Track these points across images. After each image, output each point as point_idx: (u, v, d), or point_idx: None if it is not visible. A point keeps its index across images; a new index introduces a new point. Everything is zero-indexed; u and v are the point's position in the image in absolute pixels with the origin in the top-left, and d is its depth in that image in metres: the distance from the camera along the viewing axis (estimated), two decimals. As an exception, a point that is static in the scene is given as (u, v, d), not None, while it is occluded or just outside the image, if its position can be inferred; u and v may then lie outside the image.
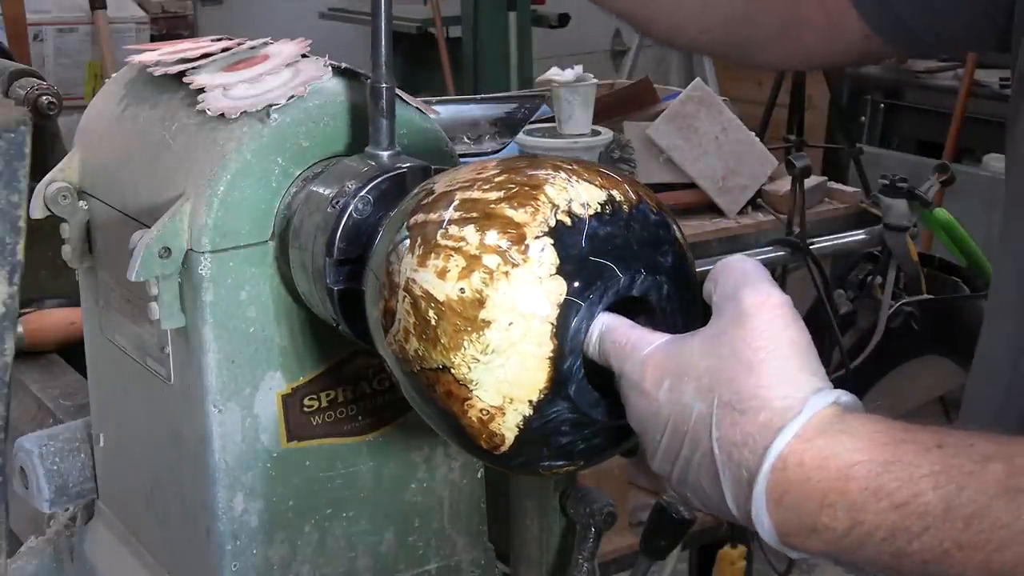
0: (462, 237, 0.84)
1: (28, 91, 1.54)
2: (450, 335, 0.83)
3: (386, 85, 0.95)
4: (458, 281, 0.83)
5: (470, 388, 0.84)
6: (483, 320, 0.83)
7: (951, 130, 4.55)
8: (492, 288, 0.83)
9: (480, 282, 0.83)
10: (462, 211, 0.86)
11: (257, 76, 0.99)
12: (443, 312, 0.84)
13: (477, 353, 0.83)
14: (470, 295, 0.83)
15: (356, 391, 1.02)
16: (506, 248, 0.83)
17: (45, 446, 1.19)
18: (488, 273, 0.83)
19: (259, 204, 0.96)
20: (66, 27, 4.65)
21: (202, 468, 0.98)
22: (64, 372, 1.51)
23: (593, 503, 1.09)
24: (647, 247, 0.86)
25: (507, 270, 0.83)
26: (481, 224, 0.84)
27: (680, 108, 2.36)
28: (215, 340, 0.96)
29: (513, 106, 2.50)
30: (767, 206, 2.40)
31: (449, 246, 0.84)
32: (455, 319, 0.83)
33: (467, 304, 0.83)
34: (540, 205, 0.85)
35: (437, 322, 0.84)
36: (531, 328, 0.83)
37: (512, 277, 0.83)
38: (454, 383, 0.84)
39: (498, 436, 0.85)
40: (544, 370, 0.83)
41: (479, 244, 0.84)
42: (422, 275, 0.85)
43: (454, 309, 0.83)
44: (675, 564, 2.55)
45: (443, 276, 0.84)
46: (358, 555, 1.05)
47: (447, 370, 0.84)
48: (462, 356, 0.83)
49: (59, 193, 1.09)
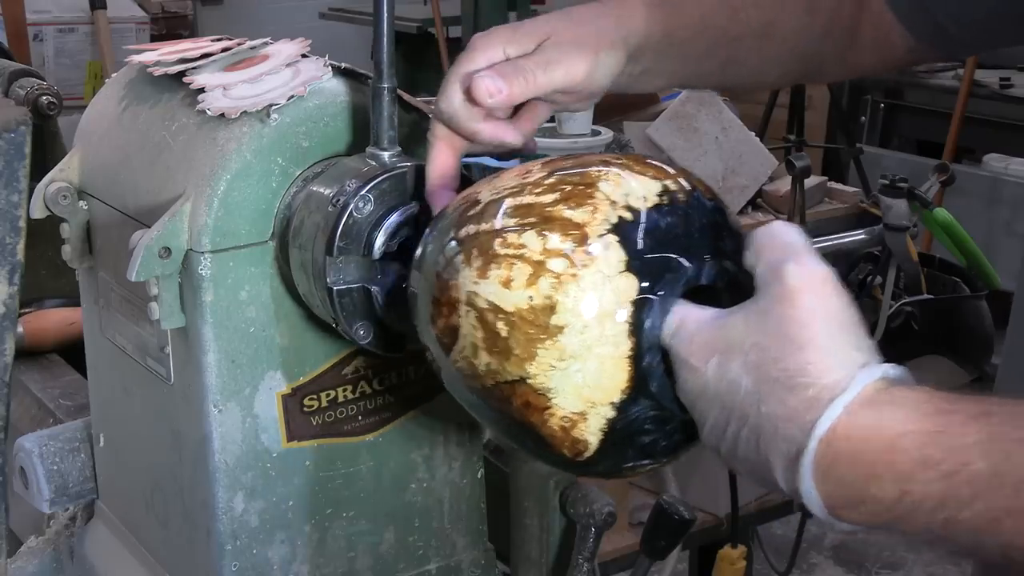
0: (522, 244, 0.82)
1: (28, 91, 1.54)
2: (523, 345, 0.81)
3: (387, 85, 0.95)
4: (526, 289, 0.81)
5: (549, 397, 0.82)
6: (556, 326, 0.81)
7: (951, 130, 4.55)
8: (562, 292, 0.81)
9: (549, 287, 0.81)
10: (517, 217, 0.84)
11: (257, 76, 0.99)
12: (513, 322, 0.82)
13: (553, 360, 0.81)
14: (540, 302, 0.81)
15: (356, 391, 1.02)
16: (570, 250, 0.81)
17: (45, 446, 1.19)
18: (556, 277, 0.81)
19: (259, 204, 0.96)
20: (66, 27, 4.66)
21: (202, 468, 0.98)
22: (64, 372, 1.51)
23: (593, 503, 1.09)
24: (708, 234, 0.85)
25: (575, 272, 0.81)
26: (540, 228, 0.83)
27: (680, 108, 2.36)
28: (215, 340, 0.96)
29: (513, 106, 2.50)
30: (767, 206, 2.40)
31: (510, 254, 0.82)
32: (527, 328, 0.81)
33: (538, 311, 0.81)
34: (598, 203, 0.83)
35: (508, 333, 0.82)
36: (606, 329, 0.81)
37: (581, 279, 0.81)
38: (532, 393, 0.82)
39: (581, 442, 0.83)
40: (624, 370, 0.82)
41: (542, 249, 0.82)
42: (485, 287, 0.83)
43: (525, 318, 0.81)
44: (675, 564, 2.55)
45: (508, 286, 0.82)
46: (358, 555, 1.05)
47: (523, 381, 0.82)
48: (538, 365, 0.81)
49: (59, 193, 1.09)
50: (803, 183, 2.32)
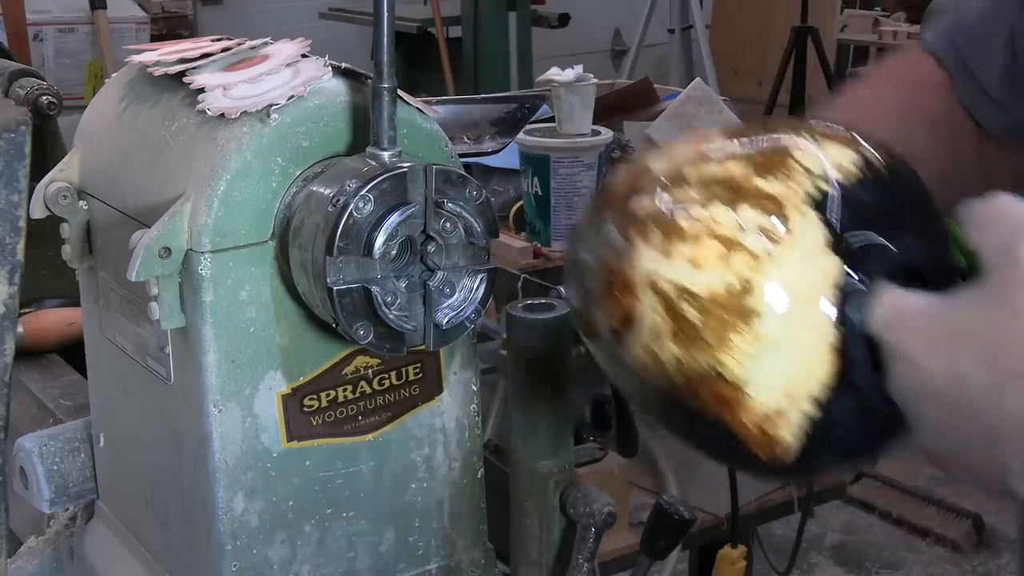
0: (712, 218, 0.74)
1: (28, 91, 1.54)
2: (716, 332, 0.73)
3: (387, 85, 0.95)
4: (718, 269, 0.73)
5: (745, 391, 0.74)
6: (753, 310, 0.73)
7: (951, 130, 4.53)
8: (760, 272, 0.73)
9: (745, 267, 0.73)
10: (702, 188, 0.75)
11: (257, 76, 0.99)
12: (704, 307, 0.73)
13: (750, 348, 0.73)
14: (735, 283, 0.73)
15: (356, 391, 1.02)
16: (768, 225, 0.73)
17: (45, 446, 1.19)
18: (752, 256, 0.73)
19: (259, 204, 0.96)
20: (66, 27, 4.66)
21: (202, 468, 0.98)
22: (64, 372, 1.51)
23: (593, 503, 1.09)
24: (912, 211, 0.78)
25: (773, 250, 0.73)
26: (731, 201, 0.74)
27: (680, 108, 2.36)
28: (215, 340, 0.96)
29: (513, 106, 2.50)
30: (767, 206, 2.40)
31: (698, 230, 0.74)
32: (720, 312, 0.73)
33: (733, 294, 0.73)
34: (793, 173, 0.75)
35: (699, 318, 0.73)
36: (808, 314, 0.73)
37: (781, 257, 0.73)
38: (725, 387, 0.74)
39: (780, 444, 0.75)
40: (827, 361, 0.73)
41: (735, 224, 0.73)
42: (670, 268, 0.74)
43: (718, 302, 0.73)
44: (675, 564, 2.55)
45: (698, 266, 0.73)
46: (358, 555, 1.05)
47: (716, 372, 0.74)
48: (732, 354, 0.73)
49: (59, 193, 1.09)
50: (803, 183, 2.31)
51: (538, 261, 2.15)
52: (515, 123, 2.41)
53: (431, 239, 0.95)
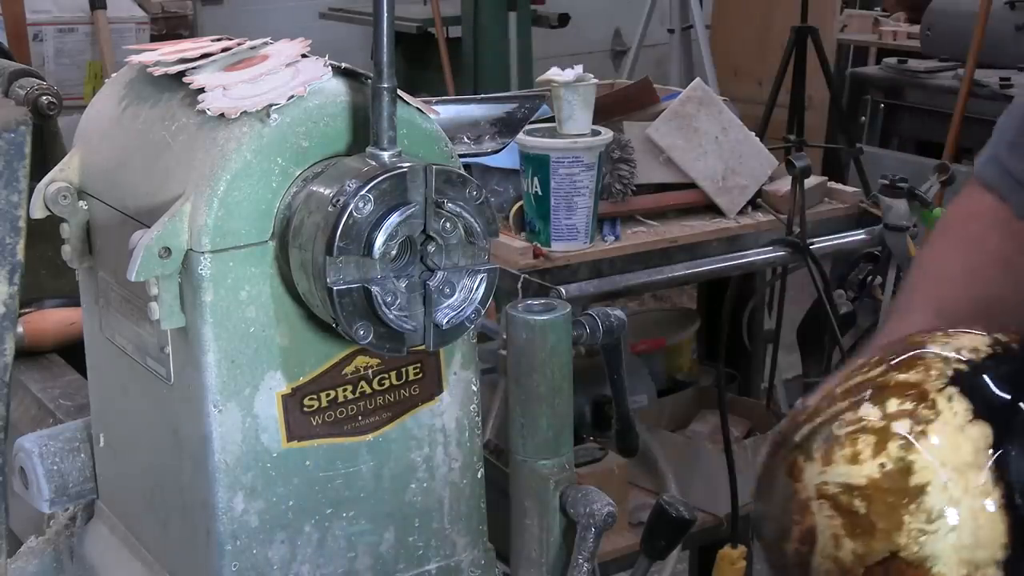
0: (860, 418, 0.80)
1: (28, 91, 1.53)
2: (886, 516, 0.78)
3: (387, 85, 0.95)
4: (875, 458, 0.79)
5: (928, 566, 0.77)
6: (917, 486, 0.78)
7: (951, 130, 4.54)
8: (914, 451, 0.78)
9: (899, 449, 0.79)
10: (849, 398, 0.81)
11: (257, 76, 0.99)
12: (869, 495, 0.79)
13: (922, 524, 0.77)
14: (893, 466, 0.78)
15: (356, 391, 1.02)
16: (912, 408, 0.79)
17: (45, 446, 1.19)
18: (903, 438, 0.79)
19: (259, 204, 0.96)
20: (66, 27, 4.65)
21: (202, 468, 0.98)
22: (64, 372, 1.51)
23: (593, 503, 1.09)
24: None
25: (923, 428, 0.78)
26: (875, 398, 0.80)
27: (680, 108, 2.36)
28: (215, 340, 0.96)
29: (513, 106, 2.50)
30: (767, 206, 2.40)
31: (851, 431, 0.80)
32: (886, 497, 0.78)
33: (893, 476, 0.78)
34: (930, 362, 0.81)
35: (867, 508, 0.78)
36: (970, 480, 0.77)
37: (931, 433, 0.78)
38: (907, 567, 0.78)
39: None
40: (1000, 521, 0.77)
41: (882, 415, 0.80)
42: (832, 472, 0.80)
43: (881, 487, 0.78)
44: (675, 564, 2.55)
45: (856, 460, 0.79)
46: (358, 555, 1.05)
47: (895, 556, 0.78)
48: (907, 533, 0.78)
49: (59, 193, 1.09)
50: (803, 183, 2.32)
51: (538, 261, 2.15)
52: (515, 123, 2.40)
53: (431, 239, 0.95)
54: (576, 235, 2.18)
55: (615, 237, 2.26)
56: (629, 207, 2.32)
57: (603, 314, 1.15)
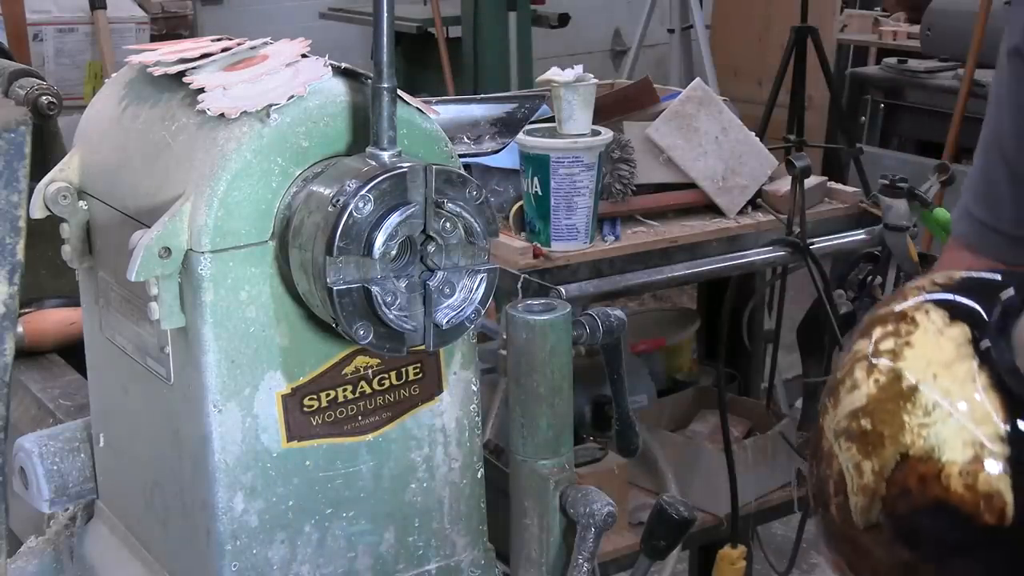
0: (853, 353, 0.88)
1: (28, 91, 1.53)
2: (889, 422, 0.84)
3: (387, 85, 0.95)
4: (869, 378, 0.86)
5: (936, 456, 0.82)
6: (909, 387, 0.83)
7: (951, 130, 4.54)
8: (901, 359, 0.85)
9: (888, 363, 0.85)
10: (847, 353, 0.90)
11: (257, 76, 0.99)
12: (872, 411, 0.85)
13: (921, 419, 0.82)
14: (885, 378, 0.85)
15: (356, 391, 1.02)
16: (894, 328, 0.86)
17: (45, 446, 1.19)
18: (890, 353, 0.86)
19: (259, 204, 0.96)
20: (66, 27, 4.65)
21: (202, 468, 0.98)
22: (64, 372, 1.51)
23: (593, 503, 1.09)
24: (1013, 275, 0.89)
25: (905, 340, 0.85)
26: (863, 333, 0.89)
27: (680, 108, 2.36)
28: (215, 340, 0.96)
29: (513, 106, 2.50)
30: (767, 206, 2.40)
31: (847, 369, 0.88)
32: (885, 405, 0.84)
33: (887, 386, 0.84)
34: (907, 291, 0.89)
35: (872, 422, 0.85)
36: (955, 370, 0.82)
37: (914, 342, 0.85)
38: (920, 463, 0.82)
39: (994, 495, 0.81)
40: (992, 399, 0.81)
41: (870, 343, 0.87)
42: (840, 410, 0.87)
43: (878, 399, 0.85)
44: (675, 564, 2.55)
45: (855, 389, 0.86)
46: (358, 555, 1.05)
47: (906, 458, 0.83)
48: (910, 431, 0.83)
49: (59, 193, 1.09)
50: (803, 183, 2.32)
51: (538, 261, 2.15)
52: (515, 123, 2.40)
53: (431, 239, 0.95)
54: (576, 235, 2.18)
55: (615, 237, 2.26)
56: (629, 207, 2.32)
57: (603, 314, 1.15)
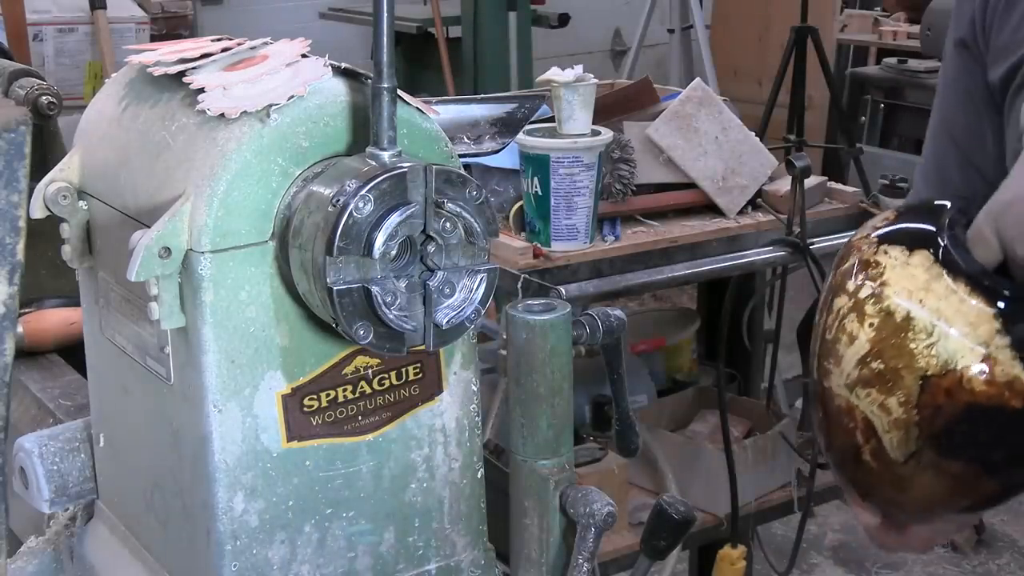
0: (835, 311, 0.95)
1: (28, 91, 1.54)
2: (898, 355, 0.91)
3: (387, 85, 0.95)
4: (863, 325, 0.93)
5: (953, 366, 0.89)
6: (903, 319, 0.91)
7: (951, 130, 4.53)
8: (884, 299, 0.92)
9: (874, 305, 0.92)
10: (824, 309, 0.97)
11: (257, 76, 0.99)
12: (879, 351, 0.92)
13: (926, 341, 0.90)
14: (878, 319, 0.92)
15: (356, 391, 1.02)
16: (863, 276, 0.94)
17: (45, 446, 1.19)
18: (872, 297, 0.93)
19: (259, 204, 0.96)
20: (66, 27, 4.65)
21: (202, 468, 0.98)
22: (64, 372, 1.51)
23: (593, 503, 1.09)
24: None
25: (879, 281, 0.93)
26: (836, 292, 0.96)
27: (680, 108, 2.36)
28: (215, 340, 0.96)
29: (513, 106, 2.50)
30: (767, 206, 2.40)
31: (836, 329, 0.94)
32: (889, 342, 0.91)
33: (883, 326, 0.92)
34: (857, 243, 0.97)
35: (884, 361, 0.91)
36: (935, 288, 0.90)
37: (887, 280, 0.93)
38: (941, 379, 0.90)
39: (1015, 380, 0.89)
40: (977, 300, 0.90)
41: (850, 294, 0.94)
42: (845, 364, 0.94)
43: (880, 339, 0.92)
44: (675, 564, 2.55)
45: (853, 340, 0.93)
46: (358, 555, 1.05)
47: (927, 380, 0.90)
48: (921, 355, 0.90)
49: (59, 193, 1.09)
50: (803, 183, 2.32)
51: (538, 261, 2.15)
52: (515, 123, 2.41)
53: (431, 239, 0.95)
54: (576, 235, 2.18)
55: (615, 237, 2.26)
56: (629, 207, 2.32)
57: (603, 314, 1.15)
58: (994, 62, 1.32)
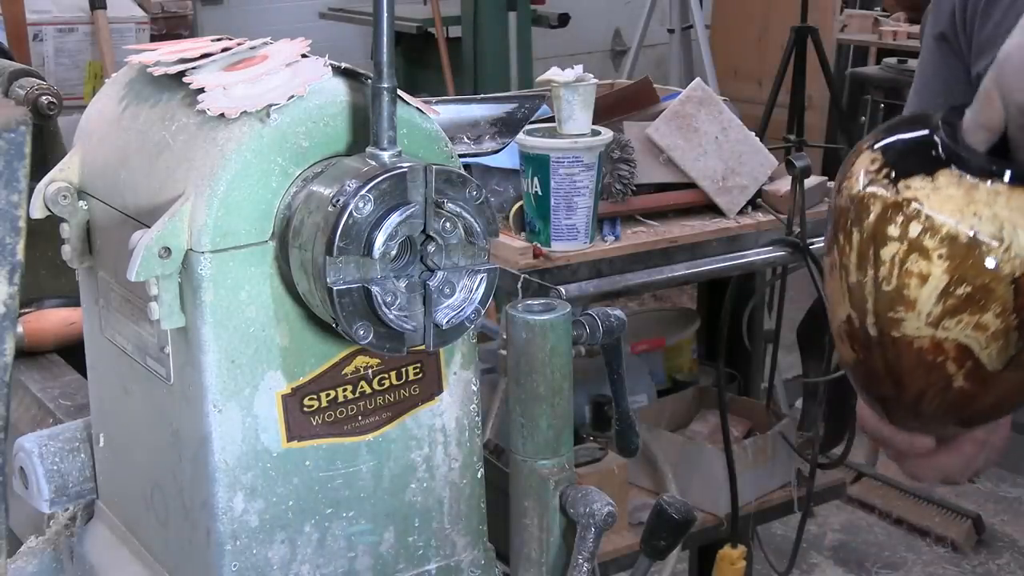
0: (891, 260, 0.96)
1: (28, 91, 1.54)
2: (978, 274, 0.93)
3: (387, 85, 0.95)
4: (932, 262, 0.94)
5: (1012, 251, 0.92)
6: (968, 240, 0.93)
7: (951, 130, 4.53)
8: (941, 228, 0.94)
9: (933, 238, 0.94)
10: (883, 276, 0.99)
11: (257, 76, 0.99)
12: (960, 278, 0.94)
13: (1000, 248, 0.93)
14: (946, 248, 0.94)
15: (356, 391, 1.02)
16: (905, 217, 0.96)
17: (45, 446, 1.19)
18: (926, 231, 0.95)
19: (259, 204, 0.96)
20: (66, 27, 4.65)
21: (202, 468, 0.98)
22: (64, 372, 1.51)
23: (593, 503, 1.09)
24: None
25: (924, 213, 0.95)
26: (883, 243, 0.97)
27: (680, 108, 2.36)
28: (215, 340, 0.96)
29: (513, 106, 2.50)
30: (767, 206, 2.40)
31: (896, 276, 0.96)
32: (966, 264, 0.93)
33: (953, 254, 0.94)
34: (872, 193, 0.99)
35: (968, 285, 0.94)
36: (977, 197, 0.93)
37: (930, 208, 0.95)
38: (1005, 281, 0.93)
39: None
40: (960, 187, 0.94)
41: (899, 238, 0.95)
42: (923, 305, 0.95)
43: (955, 266, 0.94)
44: (675, 564, 2.55)
45: (926, 278, 0.95)
46: (358, 555, 1.05)
47: (1016, 280, 0.92)
48: (1005, 262, 0.93)
49: (59, 193, 1.09)
50: (803, 183, 2.32)
51: (538, 261, 2.15)
52: (515, 123, 2.41)
53: (431, 239, 0.95)
54: (576, 235, 2.18)
55: (615, 237, 2.26)
56: (629, 207, 2.33)
57: (603, 314, 1.15)
58: (978, 55, 1.32)
